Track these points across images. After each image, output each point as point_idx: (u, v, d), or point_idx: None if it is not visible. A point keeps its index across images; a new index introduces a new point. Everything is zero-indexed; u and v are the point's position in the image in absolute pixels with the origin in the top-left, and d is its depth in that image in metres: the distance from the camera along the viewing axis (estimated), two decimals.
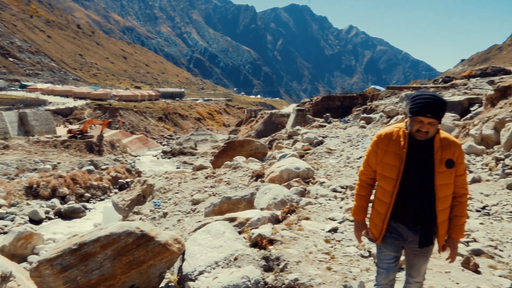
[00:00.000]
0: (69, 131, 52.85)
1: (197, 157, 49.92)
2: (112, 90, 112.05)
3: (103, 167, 37.83)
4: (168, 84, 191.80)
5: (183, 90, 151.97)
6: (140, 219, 11.40)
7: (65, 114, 77.73)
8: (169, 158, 56.62)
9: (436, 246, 2.89)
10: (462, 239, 5.19)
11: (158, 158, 57.07)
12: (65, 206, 25.82)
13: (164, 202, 13.03)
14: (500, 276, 4.10)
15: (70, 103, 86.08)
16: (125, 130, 74.18)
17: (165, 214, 11.36)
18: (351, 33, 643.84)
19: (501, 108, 14.57)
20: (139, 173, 37.70)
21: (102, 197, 30.52)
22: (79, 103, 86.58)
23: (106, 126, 60.37)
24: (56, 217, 24.80)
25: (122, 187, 31.37)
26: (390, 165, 2.72)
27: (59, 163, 38.81)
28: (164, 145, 70.97)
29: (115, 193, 28.39)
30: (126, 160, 47.43)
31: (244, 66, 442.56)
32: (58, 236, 20.07)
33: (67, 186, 28.36)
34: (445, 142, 2.70)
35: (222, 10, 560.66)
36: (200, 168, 17.99)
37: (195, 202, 11.74)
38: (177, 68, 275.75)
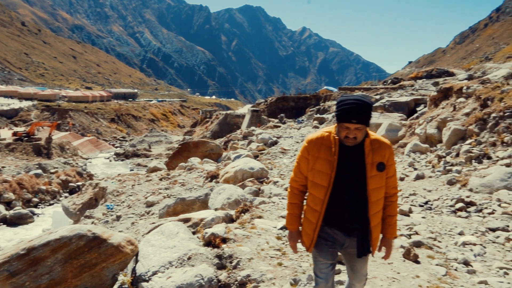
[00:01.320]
0: (15, 134, 50.45)
1: (151, 159, 49.13)
2: (61, 91, 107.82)
3: (52, 170, 36.45)
4: (121, 85, 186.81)
5: (136, 90, 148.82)
6: (92, 223, 11.16)
7: (10, 116, 74.09)
8: (122, 160, 55.35)
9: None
10: (405, 233, 5.52)
11: (110, 161, 55.65)
12: (11, 212, 24.70)
13: (118, 205, 12.80)
14: (437, 265, 4.41)
15: (15, 104, 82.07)
16: (76, 132, 71.73)
17: (118, 217, 11.17)
18: (305, 35, 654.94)
19: (443, 108, 15.39)
20: (90, 176, 36.62)
21: (52, 202, 29.46)
22: (25, 104, 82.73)
23: (55, 128, 58.07)
24: (1, 223, 23.68)
25: (72, 191, 30.36)
26: (321, 172, 2.63)
27: (3, 167, 37.00)
28: (117, 147, 69.28)
29: (66, 197, 27.44)
30: (77, 163, 45.90)
31: (199, 66, 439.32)
32: (3, 243, 19.18)
33: (13, 191, 27.11)
34: (376, 144, 2.63)
35: (176, 10, 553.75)
36: (155, 170, 17.77)
37: (150, 204, 11.63)
38: (130, 68, 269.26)
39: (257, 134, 23.60)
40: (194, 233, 5.21)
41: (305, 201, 2.91)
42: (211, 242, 4.59)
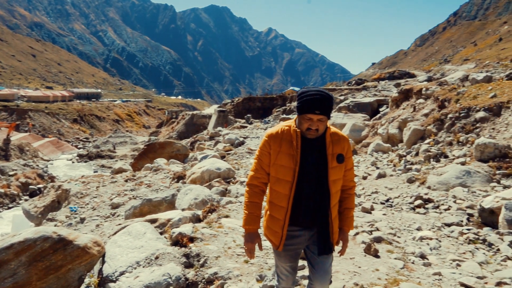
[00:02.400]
0: None
1: (116, 160, 48.26)
2: (19, 90, 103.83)
3: (11, 173, 35.19)
4: (83, 85, 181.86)
5: (99, 90, 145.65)
6: (55, 225, 10.92)
7: None
8: (85, 161, 53.99)
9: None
10: (366, 229, 5.74)
11: (73, 162, 54.19)
12: None
13: (82, 207, 12.57)
14: (396, 258, 4.64)
15: None
16: (36, 133, 69.37)
17: (82, 220, 10.98)
18: (271, 36, 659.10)
19: (404, 109, 15.95)
20: (52, 178, 35.55)
21: (11, 205, 28.45)
22: None
23: (14, 129, 55.99)
24: None
25: (33, 194, 29.38)
26: (284, 167, 2.59)
27: None
28: (80, 148, 67.49)
29: (26, 200, 26.55)
30: (37, 165, 44.42)
31: (164, 66, 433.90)
32: None
33: None
34: (335, 137, 2.65)
35: (140, 9, 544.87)
36: (120, 171, 17.51)
37: (115, 206, 11.51)
38: (93, 68, 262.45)
39: (224, 134, 23.65)
40: (161, 233, 5.23)
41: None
42: (178, 241, 4.64)
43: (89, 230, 9.56)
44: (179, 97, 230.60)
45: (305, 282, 3.74)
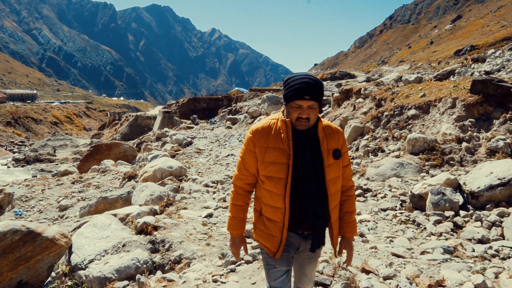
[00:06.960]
0: None
1: (57, 164, 46.56)
2: None
3: None
4: (17, 85, 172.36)
5: (35, 91, 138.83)
6: None
7: None
8: (22, 166, 51.48)
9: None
10: None
11: (8, 167, 51.48)
12: None
13: (27, 210, 12.35)
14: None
15: None
16: None
17: None
18: (214, 36, 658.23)
19: (345, 108, 16.95)
20: None
21: None
22: None
23: None
24: None
25: None
26: (275, 163, 2.29)
27: None
28: (15, 152, 64.17)
29: None
30: None
31: (105, 66, 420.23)
32: None
33: None
34: (328, 130, 2.39)
35: (78, 7, 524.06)
36: (65, 173, 17.20)
37: (63, 208, 11.48)
38: (27, 68, 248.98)
39: (171, 135, 23.71)
40: (124, 225, 5.52)
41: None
42: (143, 230, 4.98)
43: None
44: (121, 98, 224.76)
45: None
